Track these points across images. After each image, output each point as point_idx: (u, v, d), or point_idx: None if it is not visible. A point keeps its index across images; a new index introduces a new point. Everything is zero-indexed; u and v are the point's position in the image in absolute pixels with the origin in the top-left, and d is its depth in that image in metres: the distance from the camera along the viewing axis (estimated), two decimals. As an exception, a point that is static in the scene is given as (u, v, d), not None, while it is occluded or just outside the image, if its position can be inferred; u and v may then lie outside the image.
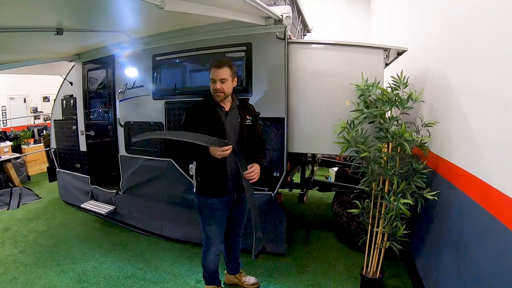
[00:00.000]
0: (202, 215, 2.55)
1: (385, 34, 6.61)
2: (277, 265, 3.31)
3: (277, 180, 3.27)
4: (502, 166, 1.79)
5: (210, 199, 2.47)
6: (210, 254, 2.62)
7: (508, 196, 1.68)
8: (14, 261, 3.53)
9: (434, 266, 2.59)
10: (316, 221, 4.50)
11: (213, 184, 2.45)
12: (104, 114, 4.59)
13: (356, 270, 3.15)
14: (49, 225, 4.52)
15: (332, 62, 3.10)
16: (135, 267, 3.35)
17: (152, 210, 4.03)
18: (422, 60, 3.50)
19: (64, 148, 5.24)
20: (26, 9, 2.26)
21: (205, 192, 2.48)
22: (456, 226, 2.32)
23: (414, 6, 4.24)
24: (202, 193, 2.49)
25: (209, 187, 2.46)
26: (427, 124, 2.67)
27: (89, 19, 2.85)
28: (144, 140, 3.72)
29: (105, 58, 4.32)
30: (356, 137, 2.75)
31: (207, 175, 2.46)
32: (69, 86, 4.98)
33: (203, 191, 2.48)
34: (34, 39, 3.21)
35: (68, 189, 5.23)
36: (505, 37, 1.83)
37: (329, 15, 8.58)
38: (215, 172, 2.42)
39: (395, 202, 2.51)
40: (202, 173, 2.48)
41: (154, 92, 3.82)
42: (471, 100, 2.25)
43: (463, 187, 2.26)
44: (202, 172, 2.48)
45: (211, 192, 2.46)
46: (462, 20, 2.52)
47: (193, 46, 3.50)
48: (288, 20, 3.01)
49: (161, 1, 1.83)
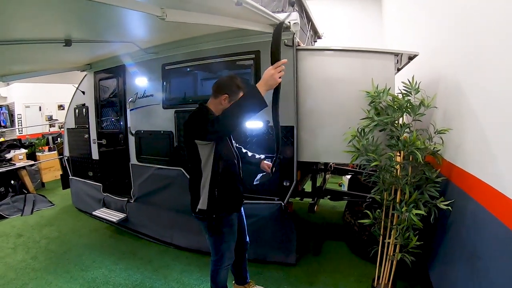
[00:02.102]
0: (222, 234, 2.36)
1: (398, 38, 6.52)
2: (286, 276, 3.26)
3: (287, 190, 3.22)
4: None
5: (230, 215, 2.37)
6: (223, 270, 2.50)
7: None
8: (26, 267, 3.58)
9: (448, 279, 2.50)
10: (327, 230, 4.41)
11: (233, 196, 2.36)
12: (115, 123, 4.64)
13: (368, 282, 3.07)
14: (61, 231, 4.58)
15: (341, 69, 3.05)
16: (144, 276, 3.35)
17: (163, 219, 4.03)
18: (434, 64, 3.42)
19: (77, 156, 5.32)
20: (34, 22, 2.29)
21: (224, 208, 2.31)
22: (470, 238, 2.23)
23: (427, 9, 4.16)
24: (221, 210, 2.29)
25: (230, 201, 2.33)
26: (440, 131, 2.59)
27: (97, 30, 2.88)
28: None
29: (116, 68, 4.38)
30: (366, 145, 2.69)
31: (225, 188, 2.28)
32: (81, 95, 5.06)
33: (223, 207, 2.30)
34: (45, 50, 3.27)
35: (80, 197, 5.30)
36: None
37: (339, 20, 8.54)
38: (232, 182, 2.34)
39: (407, 213, 2.44)
40: (218, 186, 2.25)
41: (164, 101, 3.84)
42: (486, 105, 2.17)
43: (477, 196, 2.18)
44: (217, 185, 2.25)
45: (232, 206, 2.35)
46: (476, 23, 2.45)
47: (202, 55, 3.51)
48: (296, 27, 2.99)
49: (162, 12, 1.84)
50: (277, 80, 1.93)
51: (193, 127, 2.18)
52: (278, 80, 1.94)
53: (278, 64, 1.93)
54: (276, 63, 1.93)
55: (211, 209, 2.27)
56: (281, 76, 1.95)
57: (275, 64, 1.93)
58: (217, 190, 2.25)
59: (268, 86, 1.95)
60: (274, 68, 1.92)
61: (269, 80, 1.93)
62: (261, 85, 1.95)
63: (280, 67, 1.93)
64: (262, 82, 1.95)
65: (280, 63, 1.93)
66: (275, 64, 1.93)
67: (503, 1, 1.98)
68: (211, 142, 2.17)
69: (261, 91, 1.93)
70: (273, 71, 1.92)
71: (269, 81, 1.94)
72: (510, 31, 1.87)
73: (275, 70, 1.92)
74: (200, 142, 2.18)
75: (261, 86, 1.94)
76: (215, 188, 2.25)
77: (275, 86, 1.98)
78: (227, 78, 2.36)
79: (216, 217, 2.30)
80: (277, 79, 1.93)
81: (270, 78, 1.93)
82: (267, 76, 1.93)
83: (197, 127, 2.15)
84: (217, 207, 2.28)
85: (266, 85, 1.94)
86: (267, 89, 1.96)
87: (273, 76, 1.92)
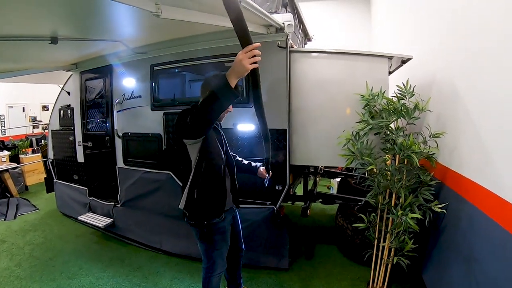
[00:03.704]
0: (213, 243, 2.30)
1: (388, 40, 6.54)
2: (279, 281, 3.20)
3: (280, 194, 3.17)
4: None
5: (221, 222, 2.30)
6: (215, 278, 2.43)
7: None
8: (10, 275, 3.44)
9: (443, 282, 2.48)
10: (319, 234, 4.38)
11: (214, 199, 2.28)
12: (101, 125, 4.52)
13: (362, 285, 3.05)
14: (46, 237, 4.43)
15: (335, 71, 3.02)
16: (133, 283, 3.24)
17: (151, 224, 3.93)
18: (428, 67, 3.41)
19: (61, 158, 5.16)
20: (19, 17, 2.18)
21: (213, 214, 2.25)
22: (466, 240, 2.22)
23: (419, 12, 4.17)
24: (210, 217, 2.24)
25: (210, 203, 2.26)
26: (435, 135, 2.58)
27: (85, 28, 2.78)
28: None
29: (103, 68, 4.26)
30: (361, 149, 2.66)
31: (206, 189, 2.23)
32: (66, 96, 4.92)
33: (211, 214, 2.25)
34: (29, 48, 3.15)
35: (65, 201, 5.14)
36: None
37: (329, 23, 8.56)
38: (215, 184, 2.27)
39: (403, 217, 2.41)
40: (198, 187, 2.21)
41: (153, 102, 3.74)
42: (482, 109, 2.16)
43: (473, 200, 2.17)
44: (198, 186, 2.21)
45: (214, 210, 2.27)
46: (471, 26, 2.44)
47: (192, 56, 3.43)
48: (290, 28, 2.94)
49: (157, 9, 1.75)
50: (247, 66, 1.61)
51: (177, 126, 2.10)
52: (249, 67, 1.62)
53: (249, 48, 1.59)
54: (246, 47, 1.60)
55: (200, 217, 2.24)
56: (254, 62, 1.63)
57: (245, 48, 1.60)
58: (196, 191, 2.20)
59: (237, 73, 1.67)
60: (244, 52, 1.60)
61: (238, 66, 1.63)
62: (229, 74, 1.68)
63: (251, 51, 1.60)
64: (230, 70, 1.68)
65: (251, 47, 1.59)
66: (245, 48, 1.59)
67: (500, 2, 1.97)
68: (196, 141, 2.11)
69: (229, 80, 1.68)
70: (242, 56, 1.60)
71: (237, 67, 1.63)
72: (509, 33, 1.86)
73: (245, 55, 1.60)
74: (188, 142, 2.13)
75: (229, 75, 1.68)
76: (194, 189, 2.21)
77: (246, 73, 1.67)
78: (212, 76, 2.30)
79: (207, 224, 2.25)
80: (247, 66, 1.61)
81: (239, 64, 1.62)
82: (235, 62, 1.64)
83: (179, 125, 2.07)
84: (207, 214, 2.24)
85: (233, 72, 1.66)
86: (237, 77, 1.69)
87: (242, 62, 1.60)
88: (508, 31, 1.86)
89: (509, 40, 1.85)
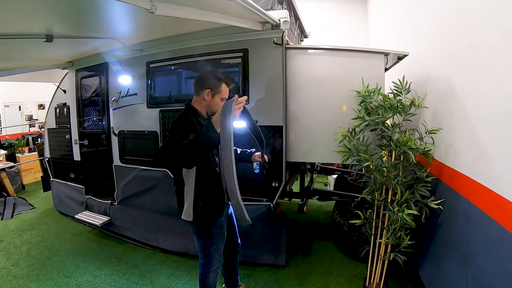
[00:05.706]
0: (210, 238, 2.34)
1: (384, 37, 6.54)
2: (277, 278, 3.21)
3: (276, 190, 3.16)
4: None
5: (218, 219, 2.34)
6: (212, 274, 2.44)
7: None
8: (7, 274, 3.43)
9: (440, 278, 2.49)
10: (315, 231, 4.39)
11: (217, 202, 2.32)
12: (97, 123, 4.49)
13: (359, 282, 3.06)
14: (43, 236, 4.41)
15: (331, 68, 3.02)
16: (131, 281, 3.24)
17: (148, 222, 3.92)
18: (424, 64, 3.42)
19: (58, 157, 5.13)
20: (14, 15, 2.15)
21: (212, 214, 2.30)
22: (462, 236, 2.24)
23: (415, 9, 4.17)
24: (215, 218, 2.30)
25: (215, 206, 2.31)
26: (431, 131, 2.58)
27: (80, 25, 2.74)
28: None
29: (99, 66, 4.23)
30: (357, 145, 2.66)
31: (209, 195, 2.27)
32: (62, 94, 4.88)
33: (210, 214, 2.29)
34: (24, 46, 3.11)
35: (62, 199, 5.12)
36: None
37: (325, 20, 8.52)
38: (215, 188, 2.30)
39: (400, 213, 2.42)
40: (203, 195, 2.24)
41: (149, 100, 3.72)
42: (478, 105, 2.17)
43: (469, 196, 2.18)
44: (202, 194, 2.24)
45: (218, 211, 2.33)
46: (467, 22, 2.44)
47: (188, 53, 3.41)
48: (286, 25, 2.93)
49: (151, 5, 1.73)
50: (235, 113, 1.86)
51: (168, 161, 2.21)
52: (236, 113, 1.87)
53: (239, 101, 1.88)
54: (237, 100, 1.87)
55: (199, 217, 2.26)
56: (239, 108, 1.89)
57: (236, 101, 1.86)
58: (201, 202, 2.25)
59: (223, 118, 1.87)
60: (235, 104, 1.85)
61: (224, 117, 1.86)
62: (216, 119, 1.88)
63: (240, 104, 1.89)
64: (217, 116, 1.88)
65: (241, 99, 1.89)
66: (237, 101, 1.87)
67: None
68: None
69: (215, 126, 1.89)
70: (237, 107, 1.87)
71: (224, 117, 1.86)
72: (504, 30, 1.86)
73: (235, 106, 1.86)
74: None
75: (216, 121, 1.88)
76: (199, 200, 2.24)
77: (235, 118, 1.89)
78: (205, 72, 2.32)
79: (205, 222, 2.30)
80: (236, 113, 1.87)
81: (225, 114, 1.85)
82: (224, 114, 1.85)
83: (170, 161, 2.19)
84: (205, 214, 2.27)
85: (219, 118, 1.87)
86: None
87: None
88: (504, 28, 1.87)
89: (505, 37, 1.85)
